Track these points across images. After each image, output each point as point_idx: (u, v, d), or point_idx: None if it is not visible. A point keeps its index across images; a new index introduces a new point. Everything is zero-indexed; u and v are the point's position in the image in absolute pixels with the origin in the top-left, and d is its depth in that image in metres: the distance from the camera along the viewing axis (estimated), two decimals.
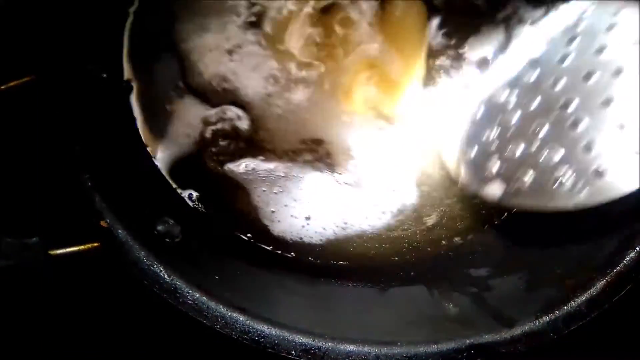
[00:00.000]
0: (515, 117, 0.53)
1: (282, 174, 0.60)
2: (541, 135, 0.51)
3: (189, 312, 0.46)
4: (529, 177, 0.52)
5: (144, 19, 0.62)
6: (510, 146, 0.53)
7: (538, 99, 0.52)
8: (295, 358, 0.45)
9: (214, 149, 0.60)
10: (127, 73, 0.61)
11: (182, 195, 0.60)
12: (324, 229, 0.59)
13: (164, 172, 0.60)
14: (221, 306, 0.46)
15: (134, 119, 0.60)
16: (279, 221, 0.59)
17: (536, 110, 0.52)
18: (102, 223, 0.48)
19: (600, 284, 0.47)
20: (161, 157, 0.60)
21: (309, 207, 0.60)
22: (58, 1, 0.52)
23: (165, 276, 0.47)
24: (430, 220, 0.61)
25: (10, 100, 0.50)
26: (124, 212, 0.49)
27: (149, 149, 0.60)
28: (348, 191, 0.60)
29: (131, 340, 0.58)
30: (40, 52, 0.51)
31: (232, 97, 0.61)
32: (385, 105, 0.62)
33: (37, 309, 0.57)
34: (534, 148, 0.51)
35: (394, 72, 0.63)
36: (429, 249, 0.60)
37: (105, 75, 0.58)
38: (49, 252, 0.46)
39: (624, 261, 0.48)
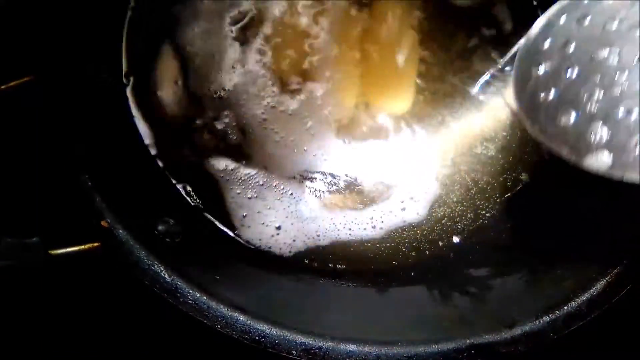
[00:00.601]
0: (623, 76, 0.45)
1: (260, 182, 0.60)
2: None
3: (189, 312, 0.46)
4: None
5: (142, 16, 0.63)
6: (619, 108, 0.45)
7: None
8: (296, 358, 0.45)
9: (199, 143, 0.61)
10: (125, 68, 0.62)
11: (179, 188, 0.60)
12: (294, 240, 0.59)
13: (160, 162, 0.60)
14: (222, 306, 0.46)
15: (132, 121, 0.60)
16: (248, 227, 0.59)
17: None
18: (103, 223, 0.48)
19: (601, 284, 0.47)
20: (155, 148, 0.60)
21: (282, 217, 0.59)
22: (57, 1, 0.52)
23: (166, 276, 0.47)
24: (430, 221, 0.61)
25: (9, 100, 0.50)
26: (124, 212, 0.49)
27: (145, 142, 0.60)
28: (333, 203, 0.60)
29: (131, 340, 0.58)
30: (40, 52, 0.51)
31: (227, 110, 0.61)
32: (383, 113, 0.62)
33: (37, 309, 0.57)
34: None
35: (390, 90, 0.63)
36: (428, 249, 0.60)
37: (105, 76, 0.58)
38: (49, 252, 0.46)
39: (624, 261, 0.48)
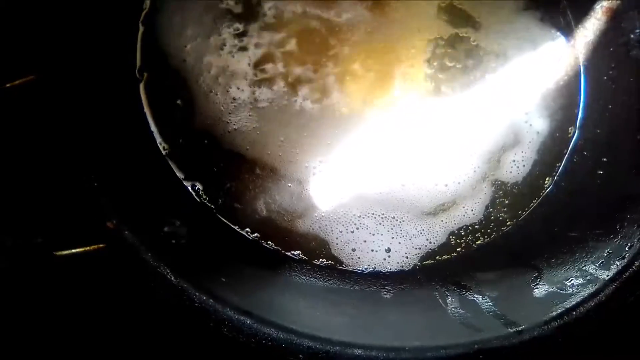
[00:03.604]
0: None
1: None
2: None
3: (195, 315, 0.46)
4: None
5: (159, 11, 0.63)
6: None
7: None
8: None
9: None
10: (139, 62, 0.62)
11: (188, 188, 0.60)
12: (406, 257, 0.60)
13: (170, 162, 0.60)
14: (228, 309, 0.46)
15: (141, 120, 0.60)
16: (359, 258, 0.60)
17: None
18: (108, 224, 0.47)
19: (609, 289, 0.47)
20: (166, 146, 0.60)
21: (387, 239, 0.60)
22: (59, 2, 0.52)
23: (172, 278, 0.46)
24: (436, 226, 0.60)
25: (15, 99, 0.50)
26: (131, 213, 0.48)
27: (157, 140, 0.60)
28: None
29: (137, 342, 0.58)
30: (44, 50, 0.51)
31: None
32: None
33: (42, 310, 0.57)
34: None
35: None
36: (435, 253, 0.60)
37: (115, 71, 0.58)
38: (54, 253, 0.45)
39: (634, 266, 0.48)
